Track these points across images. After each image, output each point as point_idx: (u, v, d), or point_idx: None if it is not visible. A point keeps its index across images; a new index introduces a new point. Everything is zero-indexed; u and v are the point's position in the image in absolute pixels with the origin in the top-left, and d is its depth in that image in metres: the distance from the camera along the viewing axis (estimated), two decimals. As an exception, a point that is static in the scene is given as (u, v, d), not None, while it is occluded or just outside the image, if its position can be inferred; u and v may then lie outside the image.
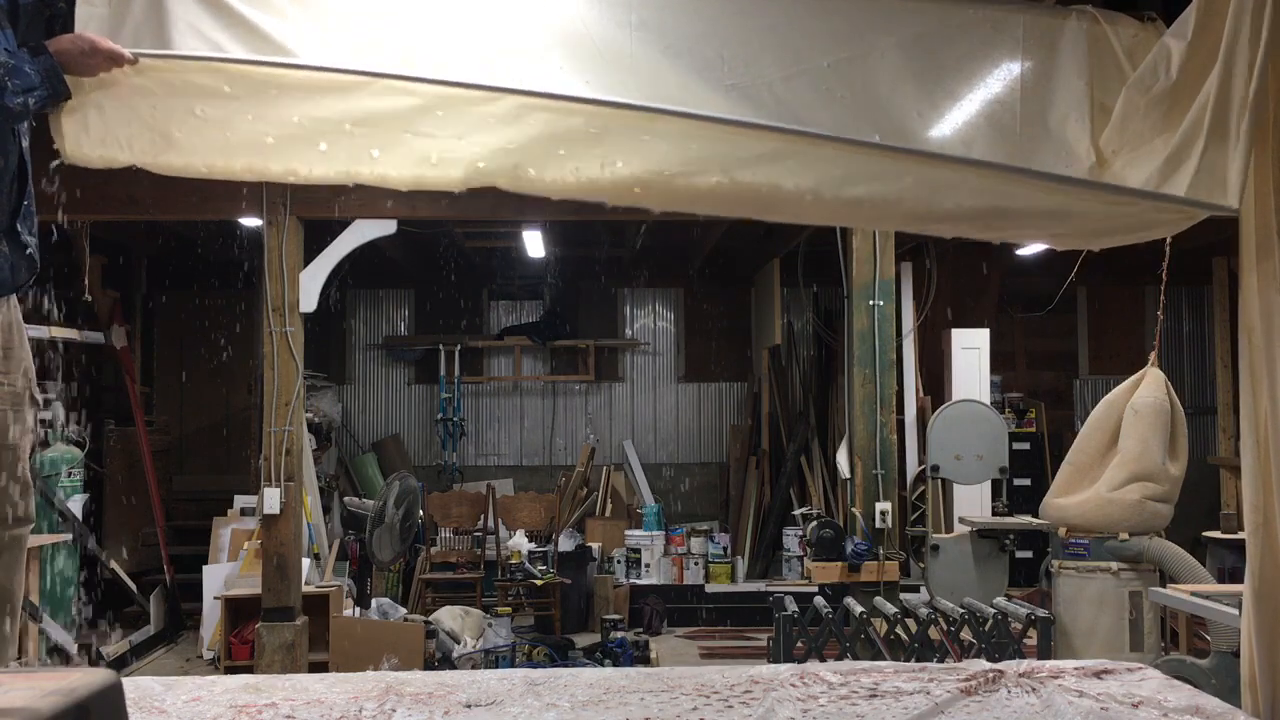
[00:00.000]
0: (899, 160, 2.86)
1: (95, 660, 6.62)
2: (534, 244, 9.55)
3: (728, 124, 2.80)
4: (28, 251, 2.79)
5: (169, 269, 10.22)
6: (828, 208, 3.03)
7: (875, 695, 2.73)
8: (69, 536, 7.48)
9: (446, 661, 7.02)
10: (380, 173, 2.85)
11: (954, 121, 2.97)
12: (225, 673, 5.92)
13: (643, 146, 2.82)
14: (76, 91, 2.69)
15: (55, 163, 2.76)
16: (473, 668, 6.68)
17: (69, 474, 7.77)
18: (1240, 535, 3.20)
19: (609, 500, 10.11)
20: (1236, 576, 4.29)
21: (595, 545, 9.45)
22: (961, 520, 7.54)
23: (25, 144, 2.83)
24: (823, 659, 5.10)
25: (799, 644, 5.46)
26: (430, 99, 2.76)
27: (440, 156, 2.81)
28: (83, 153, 2.76)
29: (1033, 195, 2.90)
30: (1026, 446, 9.81)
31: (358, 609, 7.68)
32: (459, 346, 11.07)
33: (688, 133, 2.80)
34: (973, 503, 8.13)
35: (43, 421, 6.70)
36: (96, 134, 2.75)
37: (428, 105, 2.76)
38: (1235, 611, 3.69)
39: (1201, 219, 2.80)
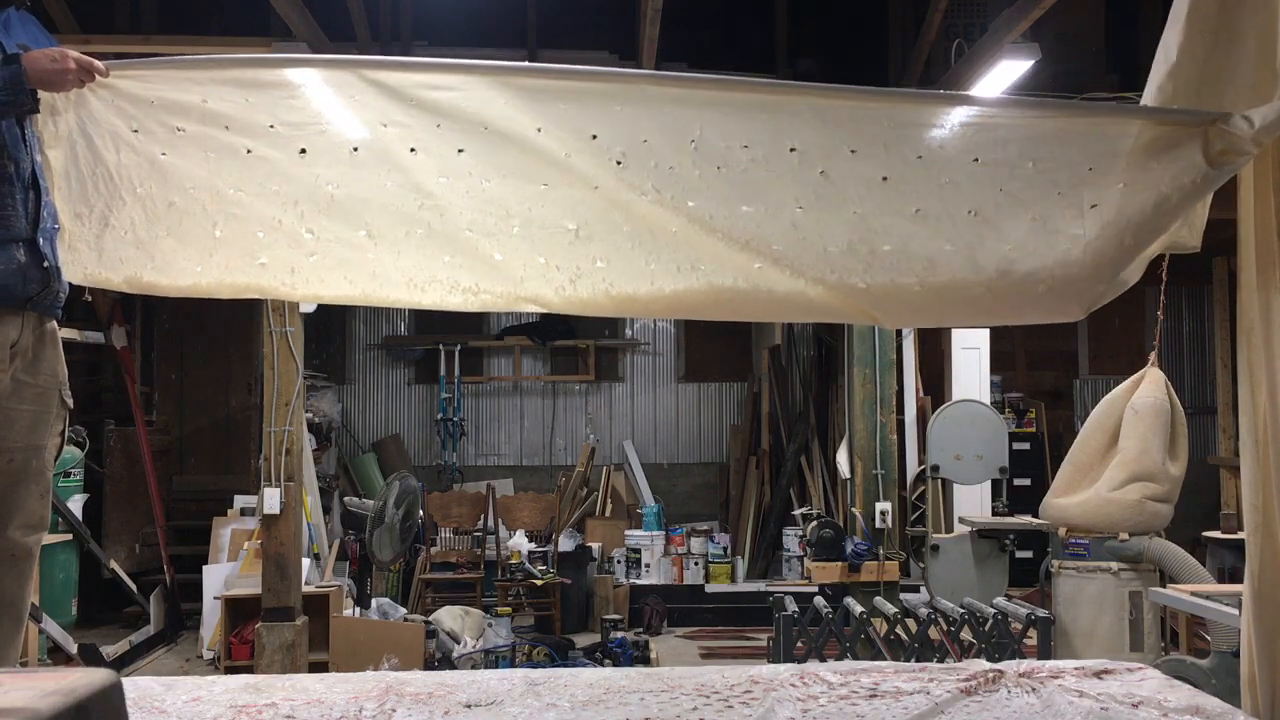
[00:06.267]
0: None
1: (95, 660, 6.61)
2: (534, 244, 9.52)
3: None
4: (44, 265, 2.78)
5: (169, 269, 10.16)
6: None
7: (875, 695, 2.73)
8: (69, 536, 7.48)
9: (446, 661, 7.01)
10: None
11: None
12: (225, 673, 5.91)
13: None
14: (54, 116, 2.69)
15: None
16: (473, 668, 6.68)
17: (68, 474, 7.78)
18: (1240, 535, 3.19)
19: (609, 500, 10.10)
20: (1236, 576, 4.28)
21: (595, 545, 9.44)
22: (961, 520, 7.54)
23: (38, 158, 2.80)
24: (823, 659, 5.10)
25: (799, 644, 5.45)
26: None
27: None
28: (73, 204, 2.77)
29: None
30: (1026, 446, 9.80)
31: (358, 609, 7.68)
32: (459, 346, 11.06)
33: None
34: (973, 503, 8.13)
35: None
36: (85, 166, 2.74)
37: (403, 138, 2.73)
38: (1235, 611, 3.69)
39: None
